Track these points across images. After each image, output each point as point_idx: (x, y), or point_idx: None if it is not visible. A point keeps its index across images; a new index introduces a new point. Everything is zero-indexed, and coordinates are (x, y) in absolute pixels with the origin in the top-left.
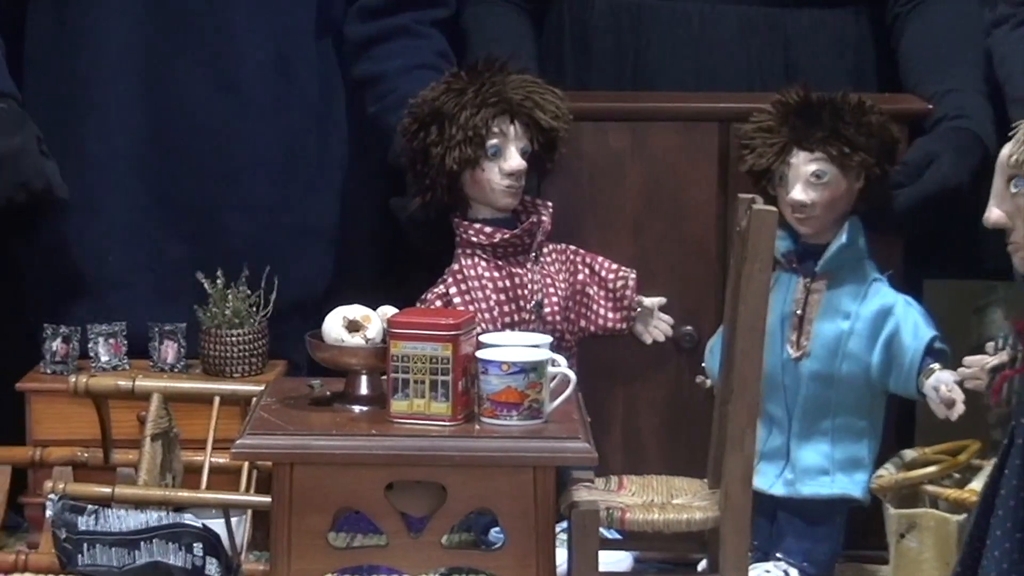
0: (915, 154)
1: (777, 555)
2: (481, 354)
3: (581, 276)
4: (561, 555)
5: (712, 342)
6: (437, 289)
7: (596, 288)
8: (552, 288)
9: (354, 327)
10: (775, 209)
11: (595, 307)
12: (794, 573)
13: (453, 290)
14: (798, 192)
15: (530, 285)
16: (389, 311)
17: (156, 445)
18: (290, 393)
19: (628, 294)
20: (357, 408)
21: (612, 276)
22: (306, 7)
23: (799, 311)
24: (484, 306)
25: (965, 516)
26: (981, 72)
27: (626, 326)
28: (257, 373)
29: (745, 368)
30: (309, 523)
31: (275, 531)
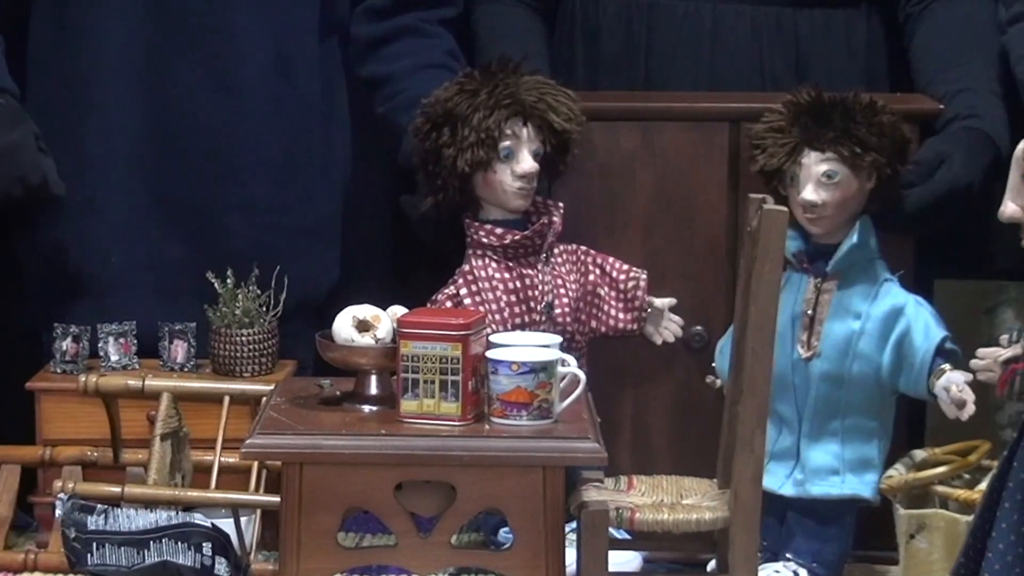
0: (926, 154)
1: (787, 555)
2: (491, 354)
3: (592, 277)
4: (570, 555)
5: (722, 342)
6: (448, 290)
7: (607, 289)
8: (563, 289)
9: (364, 327)
10: (786, 209)
11: (606, 308)
12: (803, 573)
13: (464, 291)
14: (809, 192)
15: (541, 286)
16: (399, 311)
17: (166, 445)
18: (300, 393)
19: (639, 295)
20: (367, 408)
21: (623, 277)
22: (307, 7)
23: (809, 311)
24: (495, 307)
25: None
26: (993, 72)
27: (637, 327)
28: (267, 373)
29: (755, 368)
30: (318, 523)
31: (284, 531)
